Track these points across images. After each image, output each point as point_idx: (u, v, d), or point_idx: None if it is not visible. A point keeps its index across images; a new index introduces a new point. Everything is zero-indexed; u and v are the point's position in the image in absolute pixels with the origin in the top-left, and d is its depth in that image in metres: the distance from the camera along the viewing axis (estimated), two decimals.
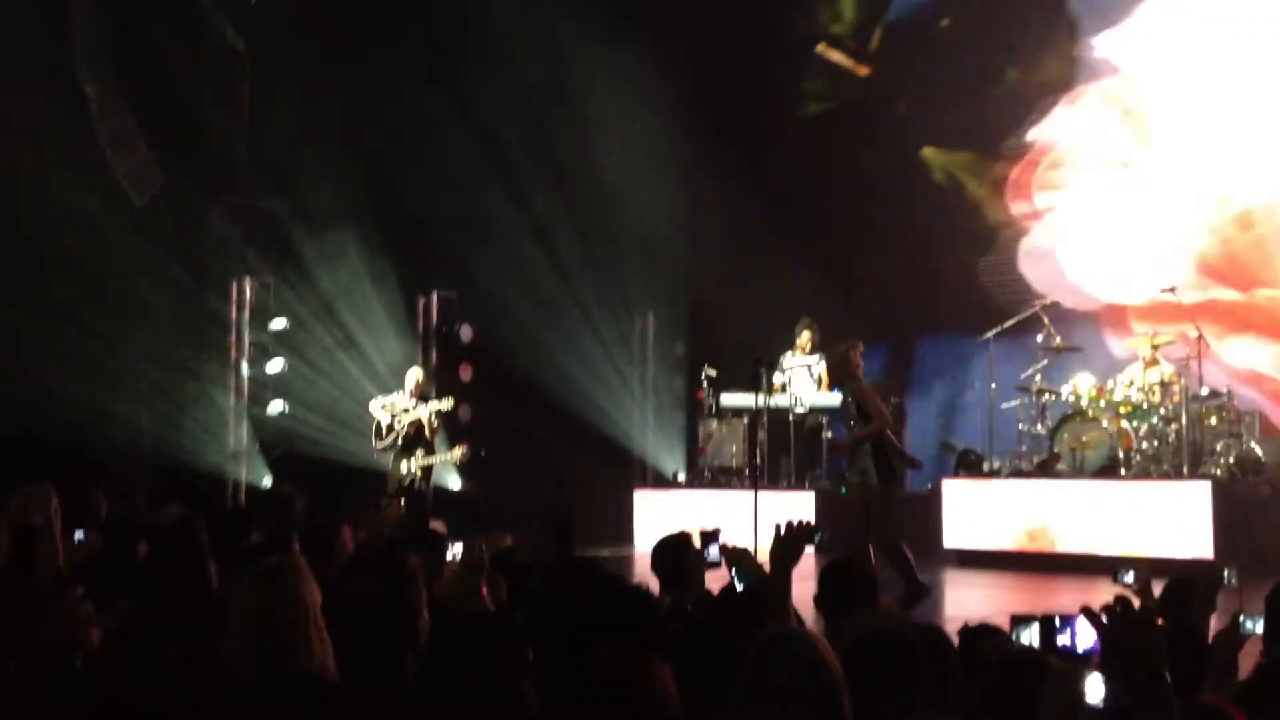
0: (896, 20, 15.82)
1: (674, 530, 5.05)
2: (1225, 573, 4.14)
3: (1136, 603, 2.47)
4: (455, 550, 4.52)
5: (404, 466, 11.27)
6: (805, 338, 13.43)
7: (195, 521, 5.62)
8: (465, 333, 14.66)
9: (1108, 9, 14.11)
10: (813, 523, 3.95)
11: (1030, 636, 3.16)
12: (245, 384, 13.99)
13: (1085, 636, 2.87)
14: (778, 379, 13.41)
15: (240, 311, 14.10)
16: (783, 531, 3.75)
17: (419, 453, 11.28)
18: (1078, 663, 2.86)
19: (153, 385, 13.53)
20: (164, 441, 13.48)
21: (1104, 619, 2.36)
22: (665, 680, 2.18)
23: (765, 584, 3.81)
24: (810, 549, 3.84)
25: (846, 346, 9.27)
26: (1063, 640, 2.92)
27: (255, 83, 14.44)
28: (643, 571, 5.30)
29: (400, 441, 11.32)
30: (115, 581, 4.42)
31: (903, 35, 15.73)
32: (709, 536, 4.60)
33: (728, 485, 13.57)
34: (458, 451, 11.55)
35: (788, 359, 13.52)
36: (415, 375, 11.68)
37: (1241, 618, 3.87)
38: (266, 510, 11.08)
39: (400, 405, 11.44)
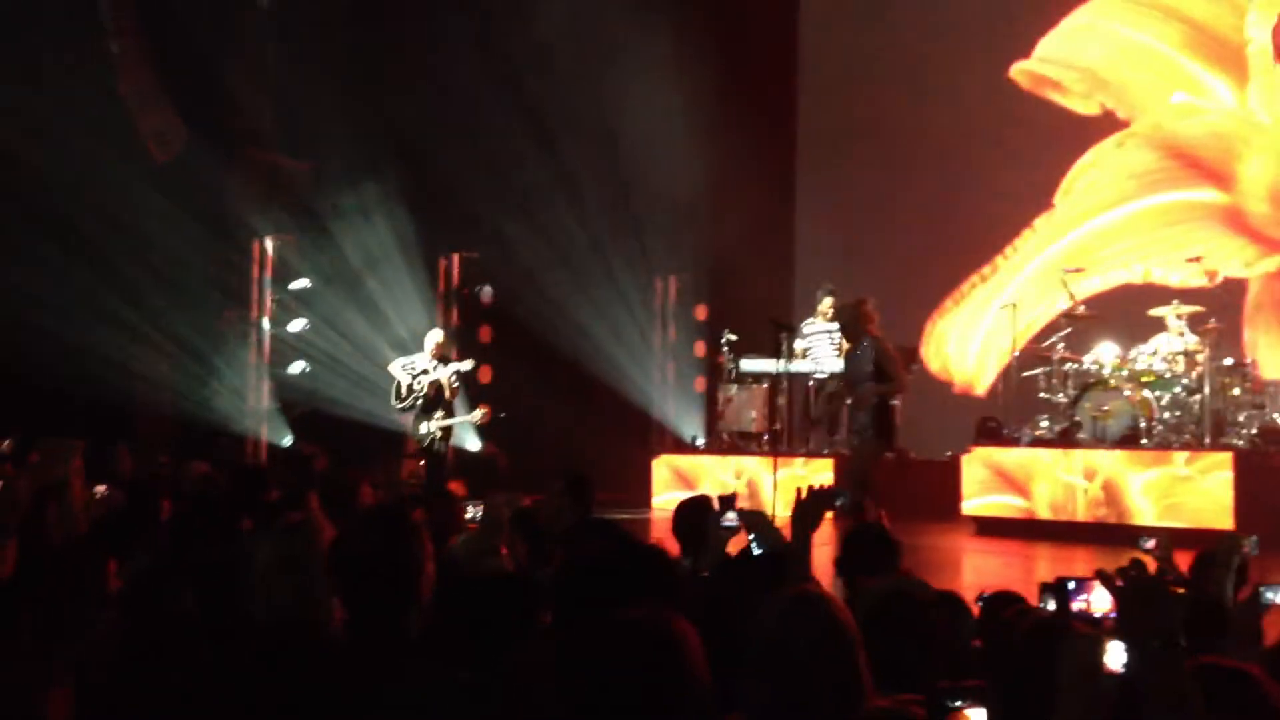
0: None
1: (693, 494, 5.04)
2: (1245, 542, 4.10)
3: (1152, 566, 2.46)
4: (474, 510, 4.53)
5: (423, 427, 11.34)
6: (826, 304, 13.38)
7: (217, 480, 5.66)
8: (486, 294, 14.66)
9: None
10: (832, 487, 3.95)
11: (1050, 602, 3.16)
12: (267, 342, 14.03)
13: (1101, 601, 2.85)
14: (798, 345, 13.38)
15: (263, 270, 14.13)
16: (804, 495, 3.74)
17: (438, 414, 11.35)
18: (1096, 627, 2.85)
19: (176, 342, 13.59)
20: (187, 398, 13.56)
21: (1119, 583, 2.35)
22: (694, 642, 2.18)
23: (783, 547, 3.81)
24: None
25: (860, 300, 9.25)
26: (1079, 605, 2.91)
27: (279, 41, 14.41)
28: (659, 535, 5.31)
29: (420, 402, 11.39)
30: (136, 537, 4.45)
31: None
32: (726, 502, 4.59)
33: (746, 450, 13.57)
34: (478, 413, 11.63)
35: (808, 325, 13.48)
36: (436, 337, 11.76)
37: (1261, 588, 3.84)
38: (286, 469, 11.17)
39: (420, 366, 11.50)
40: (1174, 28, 13.80)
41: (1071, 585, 2.87)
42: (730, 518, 4.54)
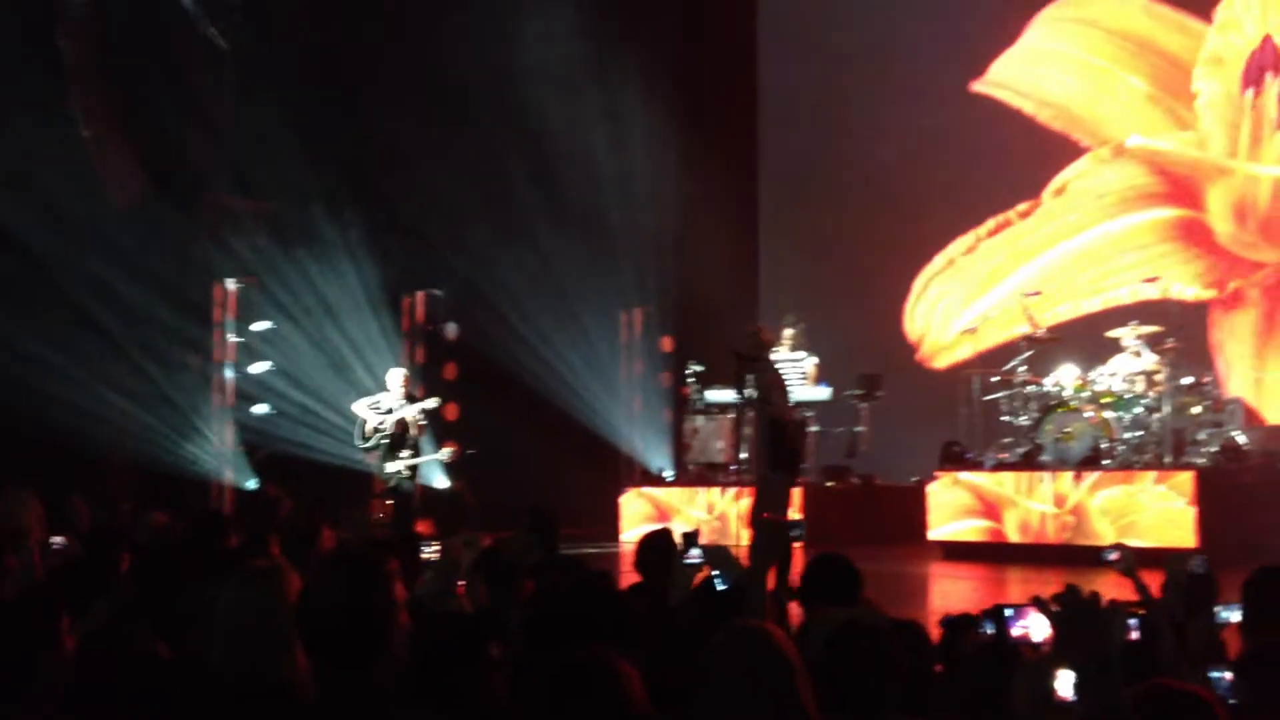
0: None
1: (655, 528, 5.05)
2: (1192, 561, 4.14)
3: (1115, 582, 2.50)
4: (433, 552, 4.52)
5: (389, 467, 11.28)
6: (789, 335, 13.46)
7: (175, 529, 5.62)
8: (451, 331, 14.66)
9: None
10: (789, 519, 3.97)
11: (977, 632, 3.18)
12: (230, 385, 13.96)
13: (1040, 626, 2.89)
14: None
15: (225, 312, 14.06)
16: (761, 528, 3.76)
17: (405, 453, 11.28)
18: (1037, 652, 2.88)
19: (137, 387, 13.50)
20: (148, 444, 13.45)
21: (1054, 608, 2.39)
22: (631, 680, 2.19)
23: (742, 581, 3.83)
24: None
25: (759, 327, 9.28)
26: (1018, 630, 2.94)
27: (240, 82, 14.41)
28: (629, 569, 5.31)
29: (385, 442, 11.33)
30: (94, 589, 4.41)
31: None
32: (689, 538, 4.59)
33: (714, 481, 13.58)
34: (446, 451, 11.57)
35: (773, 355, 13.54)
36: (400, 375, 11.70)
37: (1217, 608, 3.88)
38: (250, 513, 11.09)
39: (386, 405, 11.45)
40: (1140, 59, 13.96)
41: (1009, 612, 2.89)
42: (694, 554, 4.55)
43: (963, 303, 14.85)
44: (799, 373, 13.34)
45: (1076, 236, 14.13)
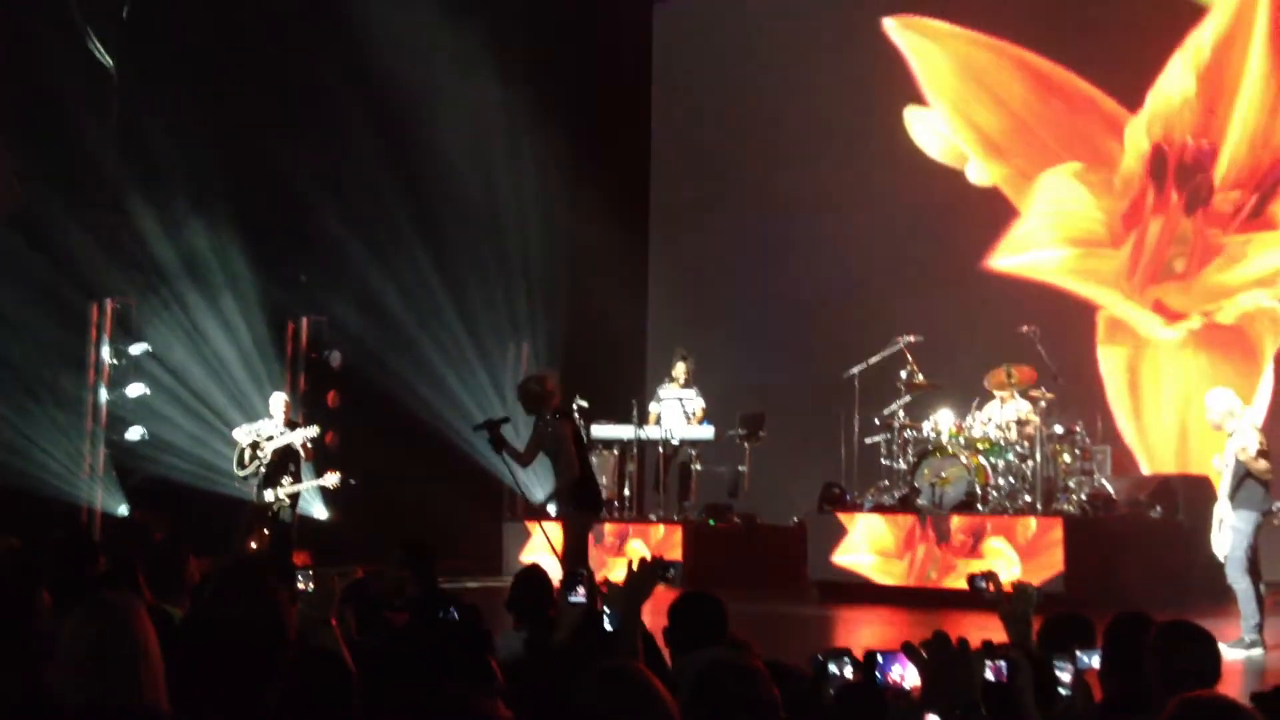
0: None
1: (528, 565, 5.02)
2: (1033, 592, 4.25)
3: (954, 638, 2.55)
4: (306, 582, 4.43)
5: (268, 495, 11.05)
6: (681, 369, 13.56)
7: (23, 554, 5.46)
8: (335, 359, 14.47)
9: None
10: (663, 558, 3.98)
11: (846, 671, 3.22)
12: (104, 408, 13.60)
13: (910, 672, 2.93)
14: (652, 409, 13.52)
15: (100, 333, 13.71)
16: (634, 567, 3.77)
17: (285, 480, 11.07)
18: (906, 699, 2.92)
19: (3, 407, 13.09)
20: (14, 466, 13.03)
21: (923, 654, 2.43)
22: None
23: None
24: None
25: (542, 377, 9.38)
26: (892, 674, 2.98)
27: (123, 97, 14.12)
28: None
29: (264, 469, 11.11)
30: None
31: None
32: (574, 577, 4.56)
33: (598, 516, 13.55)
34: (332, 477, 11.30)
35: (663, 389, 13.66)
36: (282, 400, 11.49)
37: (1077, 652, 3.97)
38: (118, 540, 10.80)
39: (266, 432, 11.23)
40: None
41: (880, 658, 2.93)
42: (580, 593, 4.53)
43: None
44: (688, 410, 13.45)
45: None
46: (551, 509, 9.12)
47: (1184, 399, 12.95)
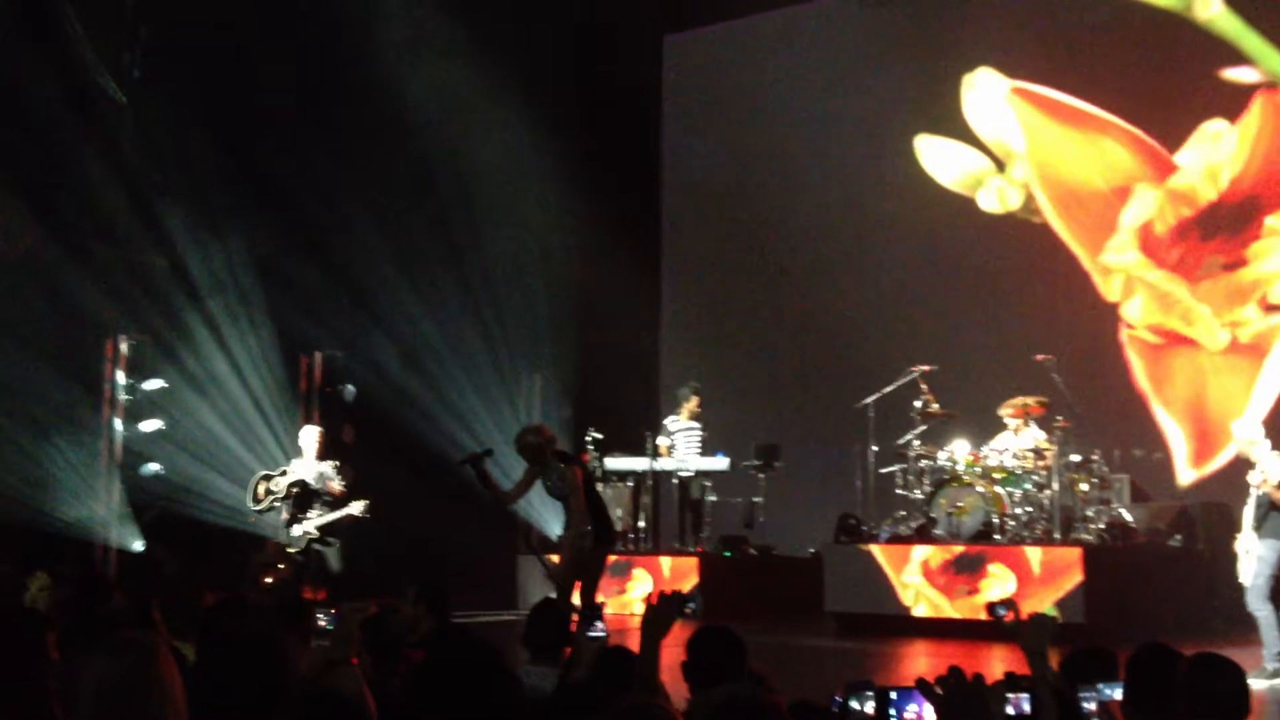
0: None
1: (546, 598, 5.00)
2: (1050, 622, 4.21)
3: (969, 673, 2.52)
4: (326, 619, 4.42)
5: (296, 529, 10.78)
6: (692, 402, 13.55)
7: (17, 587, 5.48)
8: (349, 394, 14.48)
9: None
10: (683, 592, 3.95)
11: (867, 707, 3.18)
12: (119, 444, 13.61)
13: (927, 710, 2.89)
14: (662, 441, 13.50)
15: (115, 369, 13.74)
16: (654, 601, 3.75)
17: (313, 513, 10.84)
18: None
19: (20, 443, 13.12)
20: (30, 501, 13.05)
21: (938, 690, 2.40)
22: None
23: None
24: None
25: (537, 428, 9.35)
26: (907, 713, 2.94)
27: (136, 133, 14.21)
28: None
29: (280, 504, 10.92)
30: None
31: None
32: (594, 611, 4.56)
33: (612, 549, 13.51)
34: (359, 505, 10.93)
35: (673, 423, 13.63)
36: (315, 433, 11.21)
37: (1099, 684, 3.93)
38: (134, 575, 10.79)
39: (301, 467, 10.91)
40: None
41: (894, 695, 2.89)
42: (599, 627, 4.52)
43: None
44: (698, 441, 13.43)
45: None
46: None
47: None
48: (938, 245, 14.68)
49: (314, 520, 10.74)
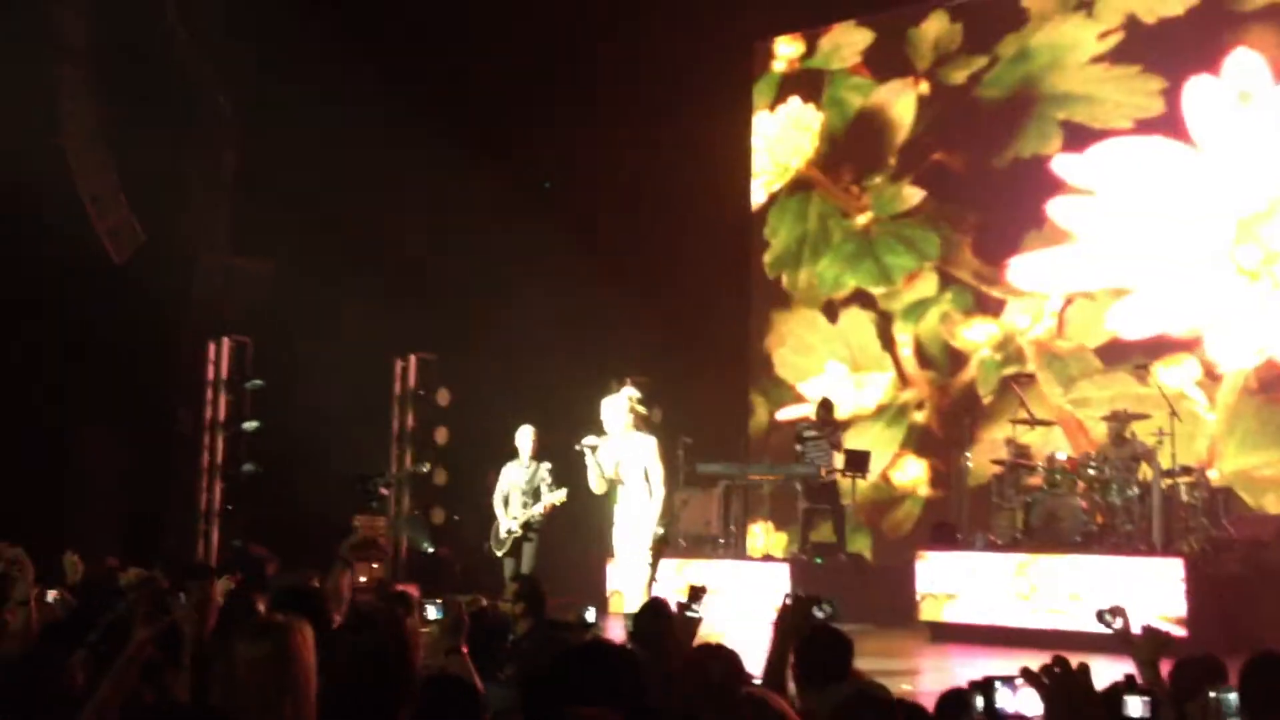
0: None
1: (656, 595, 5.05)
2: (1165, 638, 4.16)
3: (1075, 663, 2.51)
4: (434, 610, 4.52)
5: (503, 528, 10.44)
6: (825, 410, 13.66)
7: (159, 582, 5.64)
8: (443, 396, 14.67)
9: None
10: (817, 596, 3.99)
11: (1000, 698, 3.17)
12: (220, 443, 13.92)
13: (1031, 701, 2.88)
14: (799, 449, 13.58)
15: (218, 370, 14.06)
16: (789, 602, 3.78)
17: (518, 508, 10.42)
18: None
19: (126, 441, 13.47)
20: (137, 499, 13.40)
21: (1045, 680, 2.40)
22: None
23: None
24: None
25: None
26: (1013, 706, 2.92)
27: (249, 141, 14.54)
28: (615, 638, 5.29)
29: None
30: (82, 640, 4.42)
31: None
32: (696, 592, 4.63)
33: (699, 554, 13.53)
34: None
35: (805, 430, 13.68)
36: (530, 433, 10.74)
37: (1210, 692, 3.87)
38: (238, 570, 10.99)
39: (518, 477, 10.56)
40: None
41: (999, 685, 2.88)
42: (696, 609, 4.59)
43: None
44: (831, 445, 13.46)
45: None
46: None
47: None
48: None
49: (521, 513, 10.29)
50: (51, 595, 5.51)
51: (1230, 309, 13.20)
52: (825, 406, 13.73)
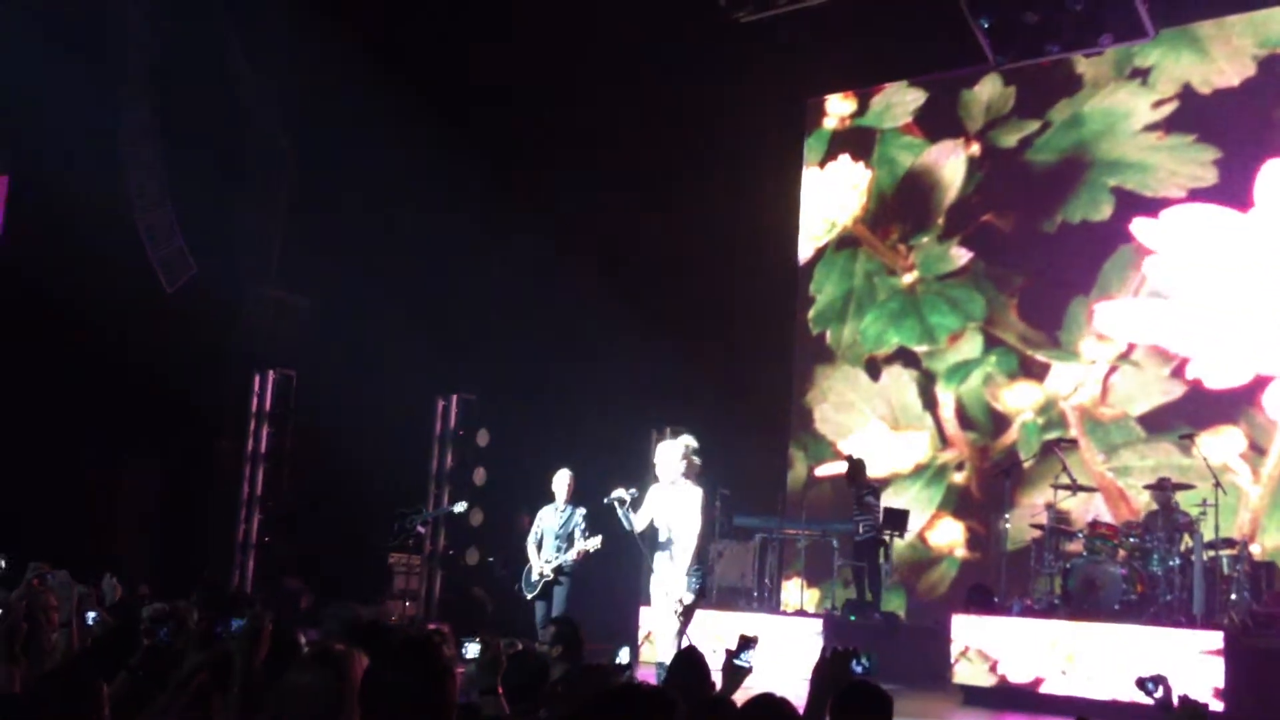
0: None
1: (690, 645, 5.04)
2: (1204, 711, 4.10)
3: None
4: (471, 649, 4.53)
5: (535, 572, 10.33)
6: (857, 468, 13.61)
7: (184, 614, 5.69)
8: (482, 437, 14.74)
9: None
10: (857, 649, 3.97)
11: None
12: (261, 475, 14.03)
13: None
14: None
15: (261, 402, 14.20)
16: (828, 655, 3.77)
17: (552, 552, 10.31)
18: None
19: (169, 468, 13.60)
20: (176, 526, 13.51)
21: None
22: None
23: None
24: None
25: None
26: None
27: (297, 181, 14.74)
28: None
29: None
30: (121, 661, 4.46)
31: None
32: (747, 642, 4.58)
33: (734, 606, 13.46)
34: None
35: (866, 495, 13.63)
36: (567, 477, 10.65)
37: None
38: (273, 603, 11.05)
39: (558, 510, 10.50)
40: None
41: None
42: (745, 659, 4.53)
43: None
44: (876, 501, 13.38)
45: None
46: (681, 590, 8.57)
47: None
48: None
49: (553, 558, 10.19)
50: (91, 617, 5.56)
51: None
52: (857, 468, 13.52)
